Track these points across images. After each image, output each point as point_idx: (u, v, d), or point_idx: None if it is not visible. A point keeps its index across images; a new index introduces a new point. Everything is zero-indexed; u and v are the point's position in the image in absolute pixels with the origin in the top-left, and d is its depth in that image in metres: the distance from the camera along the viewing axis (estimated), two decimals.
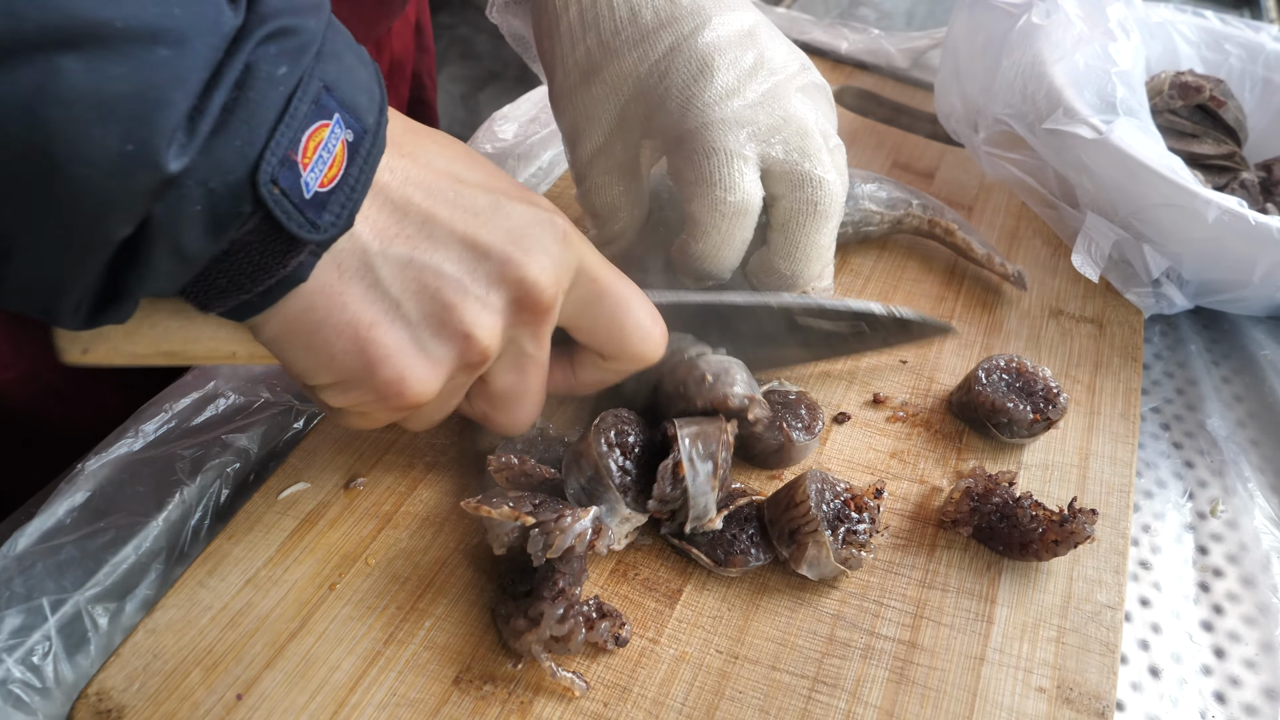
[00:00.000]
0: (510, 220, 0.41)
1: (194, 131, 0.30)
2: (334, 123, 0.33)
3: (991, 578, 0.50)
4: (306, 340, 0.38)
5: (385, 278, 0.38)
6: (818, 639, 0.47)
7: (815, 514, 0.46)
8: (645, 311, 0.47)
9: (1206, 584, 0.55)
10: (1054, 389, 0.56)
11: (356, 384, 0.39)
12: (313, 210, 0.34)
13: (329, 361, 0.38)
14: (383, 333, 0.38)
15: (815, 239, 0.53)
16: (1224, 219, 0.60)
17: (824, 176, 0.52)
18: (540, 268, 0.41)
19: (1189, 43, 0.84)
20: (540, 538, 0.42)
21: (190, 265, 0.33)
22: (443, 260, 0.39)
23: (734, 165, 0.50)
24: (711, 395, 0.49)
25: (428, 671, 0.44)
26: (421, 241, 0.38)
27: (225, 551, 0.48)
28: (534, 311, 0.42)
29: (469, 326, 0.40)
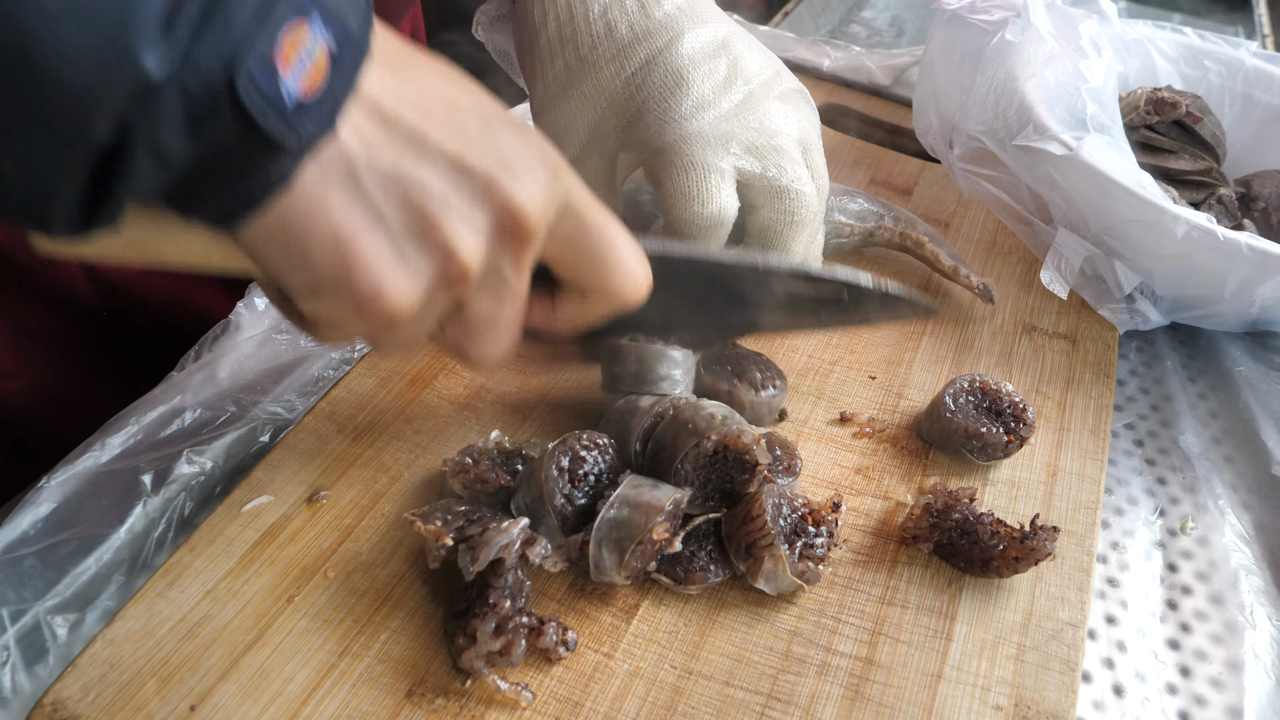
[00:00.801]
0: (500, 145, 0.41)
1: (171, 32, 0.30)
2: (313, 22, 0.33)
3: (952, 594, 0.50)
4: (285, 245, 0.37)
5: (369, 188, 0.38)
6: (774, 655, 0.47)
7: (771, 528, 0.47)
8: (630, 251, 0.46)
9: (1175, 602, 0.55)
10: (1020, 405, 0.56)
11: (333, 291, 0.39)
12: (294, 116, 0.34)
13: (307, 267, 0.38)
14: (364, 241, 0.38)
15: (793, 248, 0.55)
16: (1193, 234, 0.60)
17: (800, 190, 0.53)
18: (527, 193, 0.41)
19: (1168, 59, 0.84)
20: (468, 552, 0.42)
21: (172, 169, 0.33)
22: (429, 176, 0.39)
23: (710, 180, 0.51)
24: (724, 430, 0.49)
25: (381, 685, 0.44)
26: (408, 156, 0.38)
27: (186, 563, 0.48)
28: (517, 236, 0.41)
29: (451, 242, 0.39)
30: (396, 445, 0.55)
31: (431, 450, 0.55)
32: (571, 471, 0.47)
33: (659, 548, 0.46)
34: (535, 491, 0.47)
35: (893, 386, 0.61)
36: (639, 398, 0.53)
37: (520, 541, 0.43)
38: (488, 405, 0.59)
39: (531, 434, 0.57)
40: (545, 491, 0.46)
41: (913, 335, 0.65)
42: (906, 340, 0.65)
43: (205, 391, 0.56)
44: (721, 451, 0.49)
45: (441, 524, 0.45)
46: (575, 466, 0.48)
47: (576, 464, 0.48)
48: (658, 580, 0.48)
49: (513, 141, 0.41)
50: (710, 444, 0.48)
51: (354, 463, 0.54)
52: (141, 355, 0.67)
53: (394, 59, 0.39)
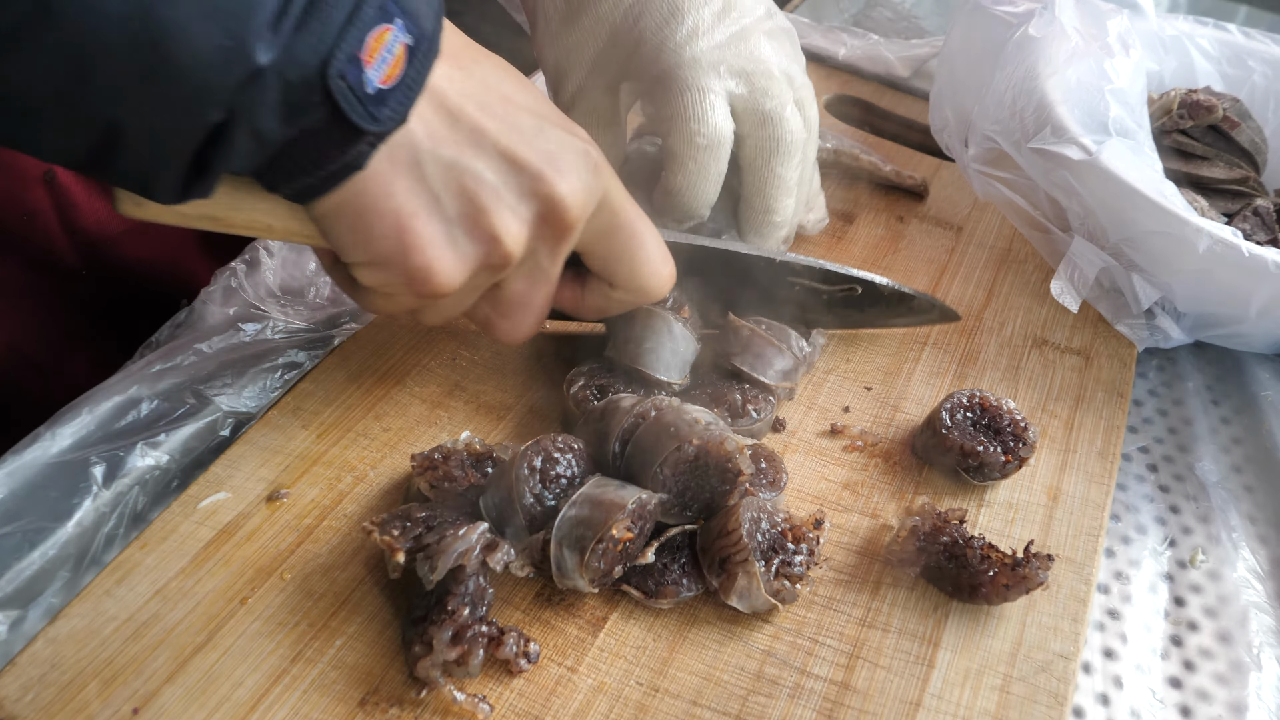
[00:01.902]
0: (550, 143, 0.49)
1: (278, 30, 0.37)
2: (395, 27, 0.40)
3: (938, 620, 0.52)
4: (352, 221, 0.45)
5: (431, 175, 0.45)
6: (745, 675, 0.49)
7: (746, 542, 0.49)
8: (658, 249, 0.55)
9: (1179, 638, 0.57)
10: (1021, 423, 0.58)
11: (389, 266, 0.47)
12: (373, 104, 0.41)
13: (369, 242, 0.46)
14: (421, 223, 0.46)
15: (781, 173, 0.62)
16: (1215, 249, 0.62)
17: (784, 115, 0.61)
18: (570, 188, 0.49)
19: (1208, 57, 0.86)
20: (426, 560, 0.44)
21: (266, 148, 0.40)
22: (484, 168, 0.47)
23: (705, 100, 0.59)
24: (707, 435, 0.51)
25: (334, 692, 0.47)
26: (468, 148, 0.46)
27: (136, 561, 0.51)
28: (557, 228, 0.49)
29: (498, 230, 0.47)
30: (364, 443, 0.58)
31: (400, 449, 0.58)
32: (543, 472, 0.50)
33: (622, 548, 0.48)
34: (504, 491, 0.49)
35: (889, 399, 0.64)
36: (620, 398, 0.55)
37: (480, 546, 0.45)
38: (461, 405, 0.61)
39: (505, 437, 0.59)
40: (515, 491, 0.49)
41: (914, 345, 0.68)
42: (907, 350, 0.67)
43: (164, 382, 0.59)
44: (703, 458, 0.51)
45: (400, 532, 0.47)
46: (547, 467, 0.50)
47: (549, 464, 0.50)
48: (627, 593, 0.51)
49: (561, 139, 0.49)
50: (692, 449, 0.50)
51: (318, 460, 0.57)
52: (121, 319, 0.71)
53: (460, 56, 0.47)
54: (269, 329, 0.63)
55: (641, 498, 0.48)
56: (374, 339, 0.64)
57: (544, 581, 0.51)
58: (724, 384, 0.60)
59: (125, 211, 0.45)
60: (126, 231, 0.71)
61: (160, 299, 0.69)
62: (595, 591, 0.49)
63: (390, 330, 0.65)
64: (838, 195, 0.81)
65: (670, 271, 0.56)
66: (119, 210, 0.45)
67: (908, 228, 0.78)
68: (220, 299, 0.64)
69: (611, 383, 0.58)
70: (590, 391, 0.58)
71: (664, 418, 0.52)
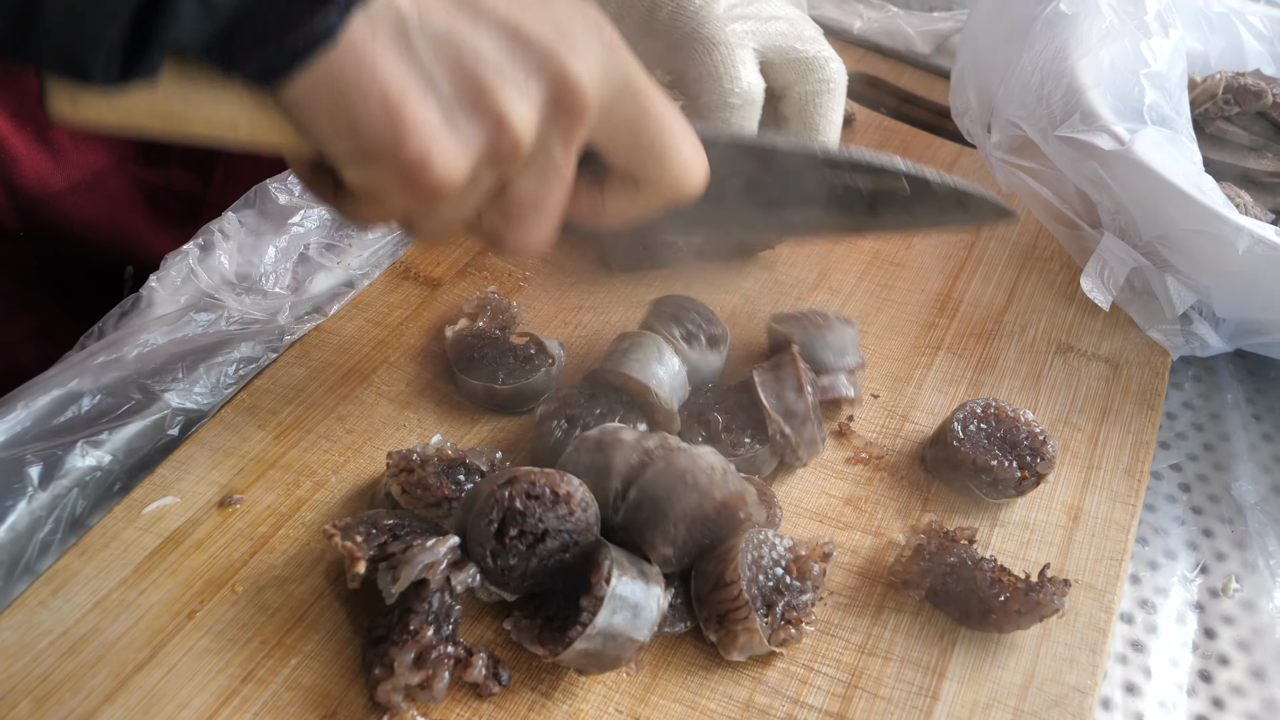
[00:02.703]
0: (557, 15, 0.46)
1: None
2: None
3: (944, 648, 0.53)
4: (331, 104, 0.42)
5: (420, 49, 0.43)
6: (733, 704, 0.50)
7: (746, 598, 0.50)
8: (688, 139, 0.52)
9: (1208, 673, 0.58)
10: (1039, 436, 0.60)
11: (378, 156, 0.44)
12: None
13: (353, 128, 0.43)
14: (413, 104, 0.43)
15: (832, 118, 0.67)
16: (1257, 249, 0.63)
17: (827, 56, 0.66)
18: (584, 66, 0.46)
19: (1259, 37, 0.88)
20: (388, 571, 0.46)
21: (215, 12, 0.38)
22: (483, 40, 0.44)
23: (736, 57, 0.62)
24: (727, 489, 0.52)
25: (287, 715, 0.48)
26: (462, 18, 0.43)
27: (74, 569, 0.52)
28: (570, 112, 0.47)
29: (504, 111, 0.44)
30: (325, 446, 0.59)
31: (364, 454, 0.59)
32: (502, 526, 0.49)
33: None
34: (463, 534, 0.50)
35: (898, 408, 0.65)
36: (617, 429, 0.55)
37: (447, 562, 0.46)
38: (432, 406, 0.62)
39: (479, 441, 0.61)
40: (471, 545, 0.50)
41: (926, 350, 0.69)
42: (919, 355, 0.69)
43: (107, 375, 0.60)
44: (722, 515, 0.52)
45: (364, 538, 0.49)
46: (509, 523, 0.50)
47: (511, 521, 0.49)
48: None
49: (570, 13, 0.47)
50: (713, 505, 0.51)
51: (274, 464, 0.58)
52: (62, 286, 0.72)
53: None
54: (223, 319, 0.64)
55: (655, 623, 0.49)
56: (338, 332, 0.65)
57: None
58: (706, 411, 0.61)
59: (58, 113, 0.42)
60: (69, 190, 0.72)
61: (104, 266, 0.70)
62: None
63: (356, 324, 0.66)
64: None
65: (703, 164, 0.53)
66: (51, 111, 0.42)
67: None
68: (171, 285, 0.65)
69: (582, 414, 0.58)
70: (558, 422, 0.58)
71: (677, 464, 0.52)
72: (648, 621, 0.48)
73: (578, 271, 0.73)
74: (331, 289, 0.69)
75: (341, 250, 0.71)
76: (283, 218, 0.70)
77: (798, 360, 0.60)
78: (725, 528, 0.53)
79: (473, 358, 0.62)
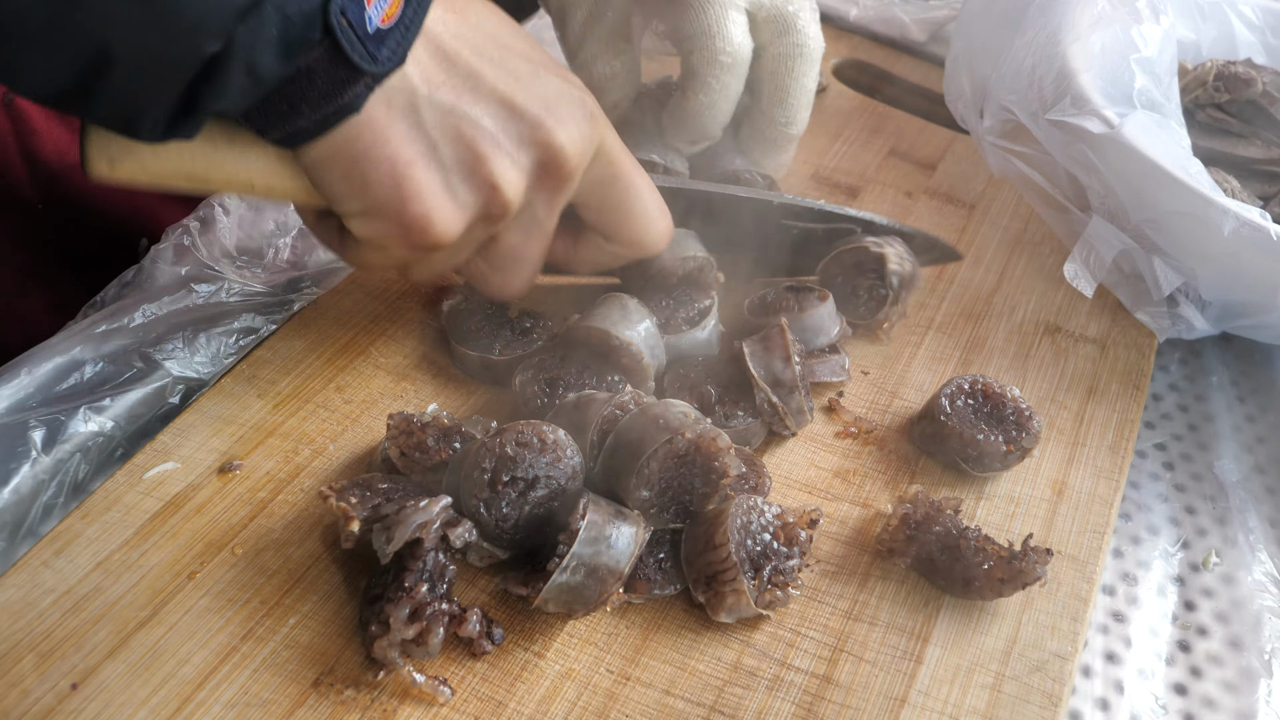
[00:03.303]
0: (546, 89, 0.52)
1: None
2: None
3: (928, 615, 0.55)
4: (347, 168, 0.48)
5: (428, 120, 0.49)
6: (721, 665, 0.52)
7: (735, 562, 0.51)
8: (654, 202, 0.59)
9: (1187, 643, 0.60)
10: (1025, 412, 0.61)
11: (385, 215, 0.50)
12: (373, 43, 0.44)
13: (364, 191, 0.49)
14: (419, 171, 0.49)
15: (803, 84, 0.70)
16: (1242, 232, 0.65)
17: (806, 20, 0.68)
18: (569, 137, 0.52)
19: (1250, 26, 0.89)
20: (383, 532, 0.47)
21: (261, 86, 0.43)
22: (482, 114, 0.50)
23: (728, 16, 0.65)
24: (700, 430, 0.53)
25: (286, 671, 0.49)
26: (466, 93, 0.50)
27: (77, 531, 0.53)
28: (556, 177, 0.53)
29: (497, 178, 0.51)
30: (323, 415, 0.61)
31: (362, 423, 0.61)
32: (495, 475, 0.51)
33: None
34: (455, 489, 0.52)
35: (887, 384, 0.67)
36: (591, 392, 0.57)
37: (440, 521, 0.48)
38: (429, 378, 0.64)
39: (474, 411, 0.62)
40: (463, 497, 0.51)
41: (917, 329, 0.71)
42: (909, 334, 0.70)
43: (109, 344, 0.61)
44: (693, 455, 0.54)
45: (358, 500, 0.50)
46: (501, 469, 0.51)
47: (503, 466, 0.51)
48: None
49: (558, 86, 0.53)
50: (684, 443, 0.53)
51: (274, 432, 0.59)
52: (79, 259, 0.74)
53: (453, 1, 0.50)
54: (224, 291, 0.66)
55: (635, 554, 0.50)
56: (336, 306, 0.67)
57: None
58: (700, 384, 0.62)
59: (96, 173, 0.48)
60: None
61: (120, 239, 0.72)
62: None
63: (354, 298, 0.68)
64: (842, 168, 0.84)
65: (667, 225, 0.60)
66: (89, 171, 0.48)
67: (916, 204, 0.81)
68: (172, 258, 0.66)
69: (561, 374, 0.60)
70: (539, 386, 0.60)
71: (650, 410, 0.55)
72: (625, 553, 0.49)
73: None
74: (330, 263, 0.70)
75: None
76: None
77: (786, 332, 0.61)
78: (699, 475, 0.54)
79: (470, 330, 0.63)
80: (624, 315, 0.61)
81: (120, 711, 0.47)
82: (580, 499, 0.50)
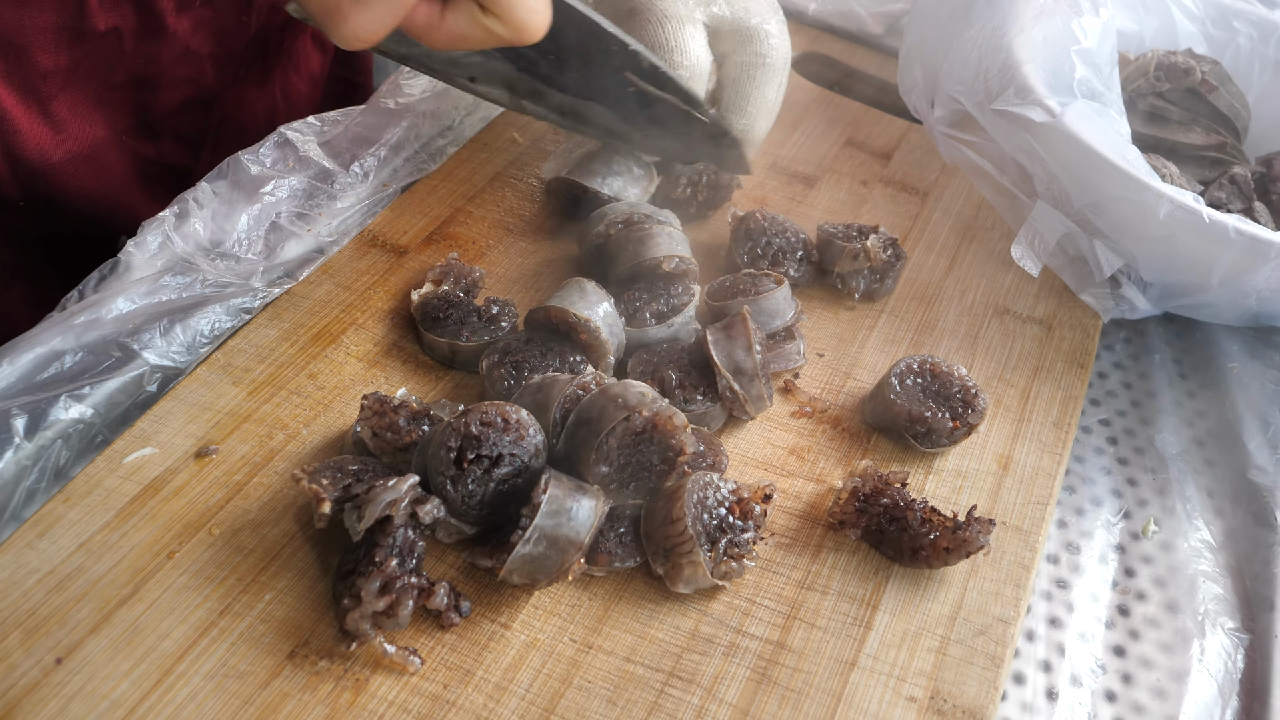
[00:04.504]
0: None
1: None
2: None
3: (878, 583, 0.58)
4: None
5: None
6: (680, 633, 0.54)
7: (691, 533, 0.54)
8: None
9: (1126, 607, 0.63)
10: (971, 389, 0.64)
11: None
12: None
13: None
14: None
15: (764, 93, 0.71)
16: (1176, 214, 0.68)
17: (770, 31, 0.69)
18: None
19: (1191, 18, 0.92)
20: (354, 510, 0.49)
21: None
22: None
23: (685, 31, 0.67)
24: (657, 408, 0.56)
25: (262, 644, 0.51)
26: None
27: (59, 514, 0.55)
28: None
29: None
30: (297, 401, 0.63)
31: (334, 408, 0.63)
32: (460, 452, 0.54)
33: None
34: (423, 469, 0.54)
35: (841, 365, 0.69)
36: (554, 375, 0.60)
37: (409, 499, 0.50)
38: (399, 364, 0.66)
39: (442, 395, 0.64)
40: (431, 475, 0.53)
41: (870, 313, 0.73)
42: (862, 318, 0.73)
43: (88, 334, 0.63)
44: (649, 432, 0.56)
45: (330, 481, 0.52)
46: (467, 447, 0.54)
47: (469, 444, 0.54)
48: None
49: None
50: (641, 420, 0.55)
51: (249, 418, 0.61)
52: (60, 255, 0.75)
53: None
54: (199, 283, 0.67)
55: (595, 525, 0.53)
56: (308, 296, 0.69)
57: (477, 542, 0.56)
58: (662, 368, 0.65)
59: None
60: (68, 160, 0.76)
61: (100, 235, 0.73)
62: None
63: (325, 288, 0.70)
64: (800, 158, 0.86)
65: (546, 14, 0.56)
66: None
67: (871, 192, 0.84)
68: (148, 251, 0.68)
69: (527, 357, 0.62)
70: (504, 369, 0.62)
71: (610, 390, 0.57)
72: (585, 524, 0.51)
73: (538, 239, 0.76)
74: (302, 255, 0.72)
75: (311, 219, 0.74)
76: (255, 187, 0.73)
77: (748, 321, 0.64)
78: (656, 452, 0.56)
79: (438, 318, 0.66)
80: (583, 296, 0.63)
81: (103, 684, 0.49)
82: (544, 475, 0.52)
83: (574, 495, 0.52)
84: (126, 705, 0.48)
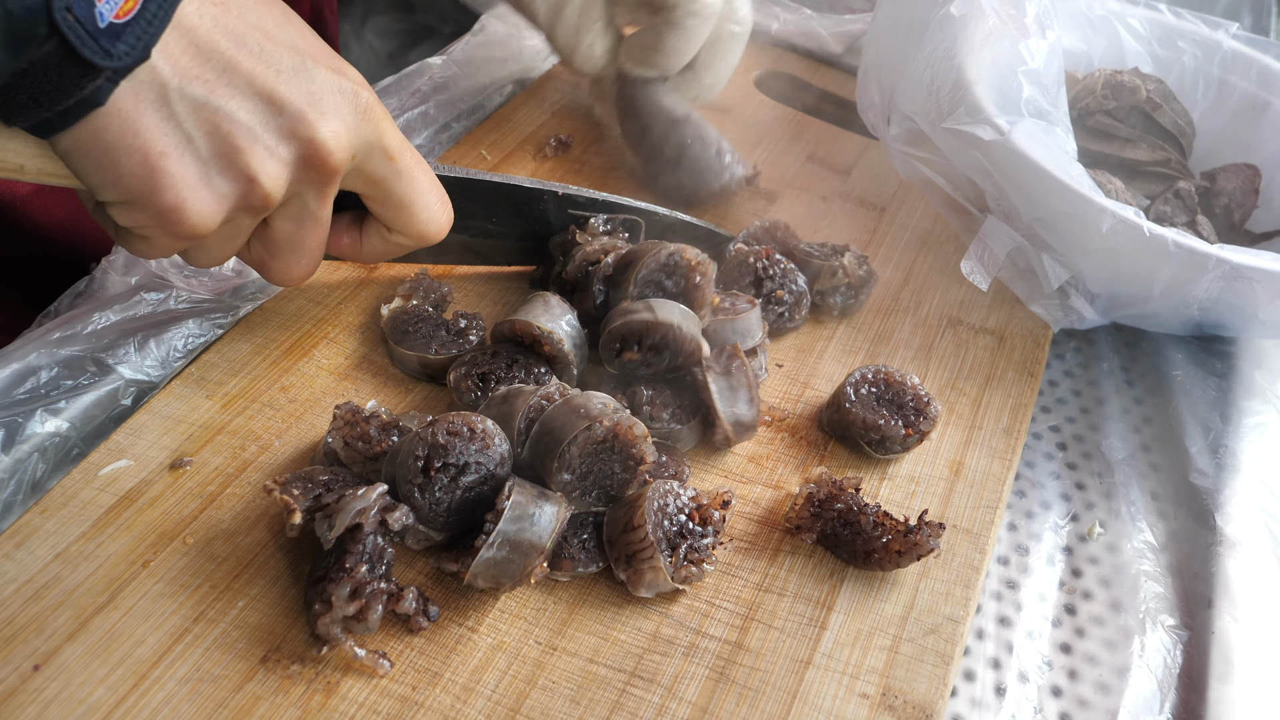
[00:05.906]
0: (313, 83, 0.53)
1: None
2: None
3: (833, 585, 0.60)
4: (99, 159, 0.49)
5: (180, 113, 0.49)
6: (641, 635, 0.56)
7: (651, 539, 0.56)
8: (435, 195, 0.61)
9: (1073, 606, 0.65)
10: (924, 398, 0.66)
11: (140, 205, 0.51)
12: (107, 39, 0.44)
13: (117, 181, 0.49)
14: (171, 162, 0.49)
15: (729, 60, 0.83)
16: (1119, 229, 0.71)
17: (742, 4, 0.81)
18: (332, 131, 0.53)
19: (1138, 38, 0.95)
20: (325, 519, 0.51)
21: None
22: (238, 108, 0.50)
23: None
24: (618, 418, 0.57)
25: (236, 650, 0.53)
26: (220, 87, 0.50)
27: (36, 525, 0.57)
28: (320, 171, 0.54)
29: (254, 171, 0.52)
30: (269, 414, 0.64)
31: (306, 420, 0.64)
32: (428, 461, 0.55)
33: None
34: (391, 478, 0.56)
35: (799, 375, 0.71)
36: (520, 386, 0.62)
37: (378, 506, 0.52)
38: (369, 377, 0.68)
39: (411, 407, 0.66)
40: (399, 483, 0.55)
41: (828, 324, 0.76)
42: (820, 329, 0.75)
43: (64, 350, 0.64)
44: (611, 440, 0.58)
45: (301, 492, 0.54)
46: (434, 456, 0.55)
47: (435, 454, 0.55)
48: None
49: (326, 79, 0.54)
50: (602, 429, 0.57)
51: (222, 430, 0.63)
52: (27, 282, 0.76)
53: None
54: (172, 299, 0.69)
55: (557, 530, 0.54)
56: (280, 310, 0.70)
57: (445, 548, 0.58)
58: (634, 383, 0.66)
59: None
60: (36, 192, 0.76)
61: (68, 262, 0.74)
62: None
63: (297, 303, 0.71)
64: (762, 175, 0.88)
65: (447, 216, 0.62)
66: None
67: (831, 207, 0.86)
68: (122, 267, 0.69)
69: (494, 369, 0.64)
70: (472, 381, 0.64)
71: (572, 401, 0.59)
72: (547, 529, 0.53)
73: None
74: None
75: None
76: None
77: (747, 367, 0.65)
78: (618, 461, 0.58)
79: (408, 331, 0.67)
80: (547, 309, 0.65)
81: (80, 690, 0.50)
82: (508, 481, 0.54)
83: (537, 501, 0.54)
84: (103, 710, 0.50)
